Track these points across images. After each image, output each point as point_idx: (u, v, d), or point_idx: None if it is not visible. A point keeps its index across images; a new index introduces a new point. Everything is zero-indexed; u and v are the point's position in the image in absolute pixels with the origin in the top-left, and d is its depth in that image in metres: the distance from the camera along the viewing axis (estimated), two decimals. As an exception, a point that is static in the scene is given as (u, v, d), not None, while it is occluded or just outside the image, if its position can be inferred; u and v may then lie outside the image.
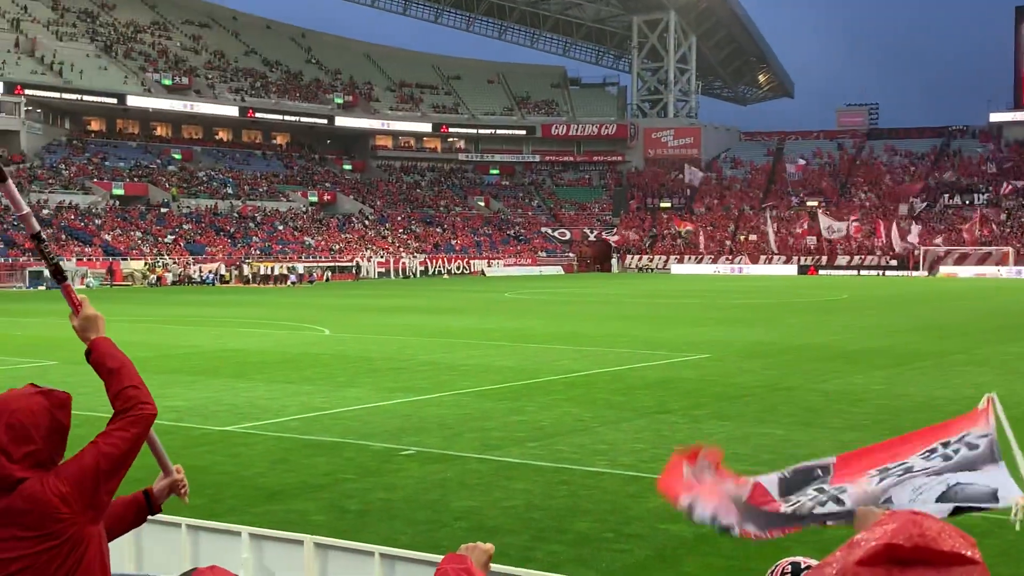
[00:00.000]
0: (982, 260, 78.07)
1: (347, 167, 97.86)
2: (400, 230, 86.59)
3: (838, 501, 4.14)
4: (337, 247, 78.61)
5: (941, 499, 3.80)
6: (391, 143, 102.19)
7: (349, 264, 74.96)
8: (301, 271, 69.27)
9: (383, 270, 76.64)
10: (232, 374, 19.81)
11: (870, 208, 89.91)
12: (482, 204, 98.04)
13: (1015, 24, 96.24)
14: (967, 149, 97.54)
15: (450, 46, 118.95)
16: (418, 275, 77.38)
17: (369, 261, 76.94)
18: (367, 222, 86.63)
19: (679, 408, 15.51)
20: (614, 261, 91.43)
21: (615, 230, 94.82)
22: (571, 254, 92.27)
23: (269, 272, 66.93)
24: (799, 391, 17.31)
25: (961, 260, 78.43)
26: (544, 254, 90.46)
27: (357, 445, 12.86)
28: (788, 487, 4.31)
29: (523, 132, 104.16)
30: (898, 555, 1.66)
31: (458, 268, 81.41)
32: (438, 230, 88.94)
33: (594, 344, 25.31)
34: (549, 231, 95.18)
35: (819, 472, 4.30)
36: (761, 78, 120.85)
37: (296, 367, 20.94)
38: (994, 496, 3.76)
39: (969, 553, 1.68)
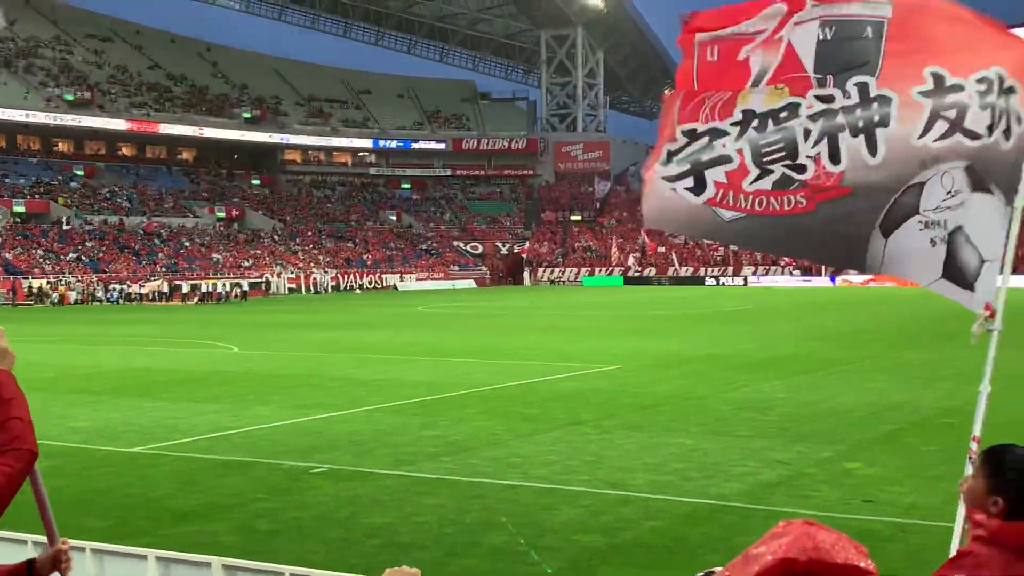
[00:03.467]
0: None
1: (255, 182, 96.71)
2: (310, 245, 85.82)
3: (870, 140, 3.66)
4: (246, 263, 77.62)
5: (948, 247, 3.66)
6: (300, 158, 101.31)
7: (259, 280, 74.05)
8: (246, 287, 68.59)
9: (293, 286, 75.86)
10: (138, 393, 19.43)
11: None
12: (393, 219, 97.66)
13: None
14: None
15: (359, 60, 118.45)
16: (329, 290, 76.76)
17: (279, 277, 76.12)
18: (276, 237, 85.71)
19: (591, 419, 15.62)
20: (526, 274, 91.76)
21: (527, 243, 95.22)
22: (483, 268, 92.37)
23: (211, 289, 66.15)
24: (709, 400, 17.56)
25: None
26: (456, 268, 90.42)
27: (267, 464, 12.71)
28: (825, 62, 3.88)
29: (434, 146, 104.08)
30: (794, 569, 1.70)
31: (370, 283, 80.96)
32: (349, 245, 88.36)
33: (508, 357, 25.37)
34: (461, 245, 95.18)
35: (867, 42, 3.90)
36: (667, 93, 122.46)
37: (204, 386, 20.61)
38: (971, 284, 3.71)
39: (863, 564, 1.73)
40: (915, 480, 11.29)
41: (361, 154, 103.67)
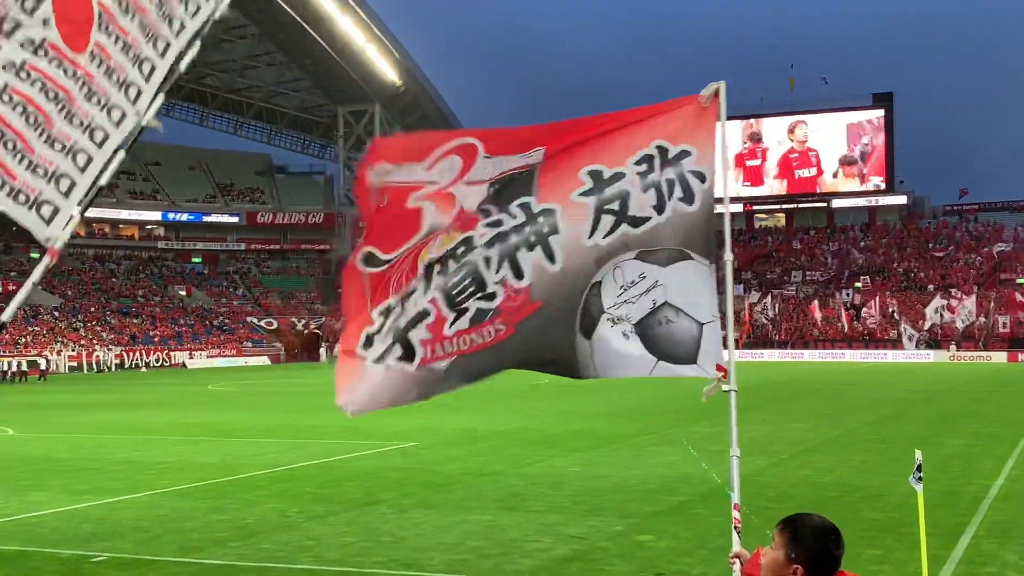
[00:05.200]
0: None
1: (35, 255, 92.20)
2: (94, 321, 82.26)
3: (554, 230, 3.78)
4: (23, 340, 73.62)
5: (645, 338, 3.70)
6: (84, 230, 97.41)
7: (37, 358, 70.30)
8: (44, 367, 64.66)
9: (75, 364, 72.39)
10: (-103, 482, 18.00)
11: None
12: (183, 294, 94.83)
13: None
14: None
15: (149, 131, 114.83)
16: (113, 368, 73.60)
17: (59, 355, 72.50)
18: (57, 313, 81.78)
19: (387, 499, 15.42)
20: (323, 350, 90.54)
21: (324, 319, 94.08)
22: (278, 344, 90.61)
23: (6, 367, 62.29)
24: (504, 476, 17.63)
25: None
26: (250, 344, 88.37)
27: (43, 553, 11.96)
28: (498, 196, 3.98)
29: (227, 219, 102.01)
30: None
31: (157, 360, 78.11)
32: (135, 321, 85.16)
33: (302, 436, 24.84)
34: (255, 321, 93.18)
35: (522, 174, 4.07)
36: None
37: (-27, 472, 19.29)
38: (694, 354, 3.75)
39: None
40: (703, 551, 11.60)
41: (149, 227, 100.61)
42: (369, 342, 4.23)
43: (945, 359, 70.80)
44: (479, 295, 4.02)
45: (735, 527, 3.96)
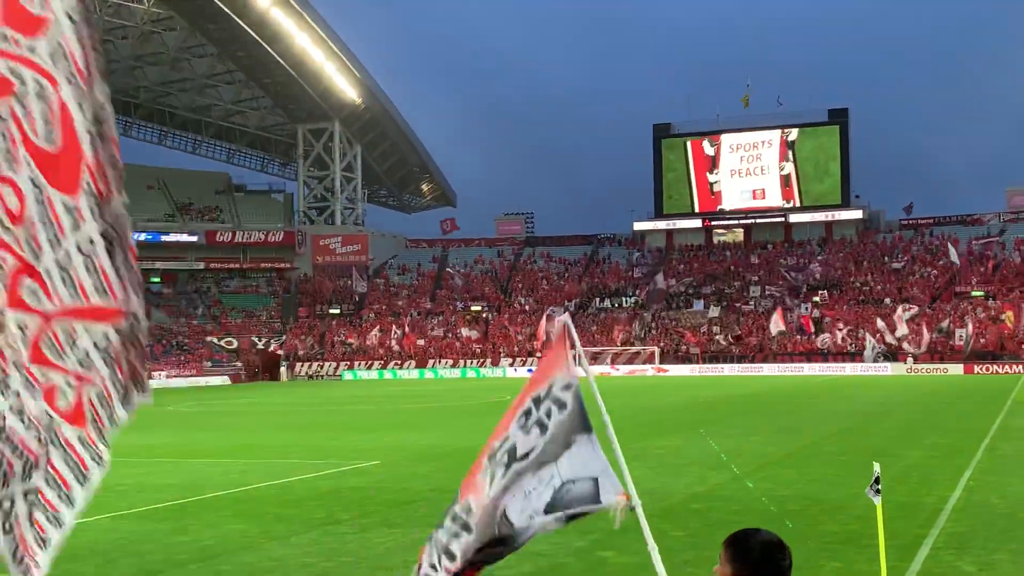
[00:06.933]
0: (631, 359, 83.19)
1: None
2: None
3: (466, 528, 4.23)
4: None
5: (551, 509, 4.02)
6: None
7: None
8: None
9: (32, 385, 71.46)
10: None
11: (530, 312, 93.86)
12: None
13: (653, 140, 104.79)
14: (615, 255, 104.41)
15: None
16: (71, 390, 72.69)
17: (16, 376, 71.64)
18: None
19: (349, 518, 15.35)
20: (284, 369, 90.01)
21: (285, 338, 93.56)
22: (239, 363, 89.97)
23: None
24: (467, 494, 17.57)
25: (614, 360, 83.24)
26: (210, 364, 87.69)
27: (-2, 580, 11.78)
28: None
29: (186, 239, 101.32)
30: None
31: (116, 381, 77.23)
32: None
33: (263, 456, 24.67)
34: (215, 340, 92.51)
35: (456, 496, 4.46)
36: (424, 187, 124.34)
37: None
38: (596, 496, 4.04)
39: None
40: (664, 565, 11.61)
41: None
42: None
43: (903, 371, 71.53)
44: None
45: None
